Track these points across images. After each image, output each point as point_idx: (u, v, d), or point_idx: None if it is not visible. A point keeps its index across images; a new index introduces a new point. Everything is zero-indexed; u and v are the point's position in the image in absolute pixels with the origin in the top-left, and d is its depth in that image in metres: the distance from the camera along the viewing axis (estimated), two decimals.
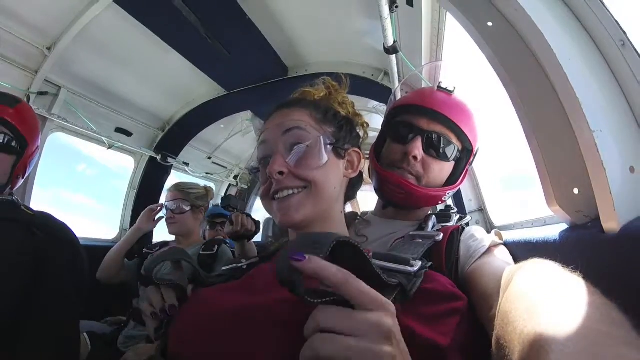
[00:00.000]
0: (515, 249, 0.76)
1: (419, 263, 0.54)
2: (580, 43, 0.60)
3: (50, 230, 0.92)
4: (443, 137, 0.82)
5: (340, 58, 1.79)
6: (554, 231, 0.66)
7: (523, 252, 0.73)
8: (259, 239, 2.95)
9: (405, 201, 0.84)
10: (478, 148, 0.88)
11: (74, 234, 0.98)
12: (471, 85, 1.10)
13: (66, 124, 1.84)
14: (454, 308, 0.52)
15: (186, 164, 2.67)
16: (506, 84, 0.69)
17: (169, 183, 2.58)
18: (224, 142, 2.84)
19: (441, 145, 0.82)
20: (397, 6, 0.98)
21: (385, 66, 1.64)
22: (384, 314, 0.36)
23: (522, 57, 0.65)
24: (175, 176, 2.66)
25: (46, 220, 0.94)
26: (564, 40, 0.59)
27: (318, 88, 0.77)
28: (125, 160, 2.43)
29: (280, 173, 0.61)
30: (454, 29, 1.14)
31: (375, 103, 1.82)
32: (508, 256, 0.72)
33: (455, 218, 0.85)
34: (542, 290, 0.40)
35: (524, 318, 0.37)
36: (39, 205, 1.12)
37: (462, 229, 0.77)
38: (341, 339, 0.34)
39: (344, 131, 0.70)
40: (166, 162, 2.45)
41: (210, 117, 2.39)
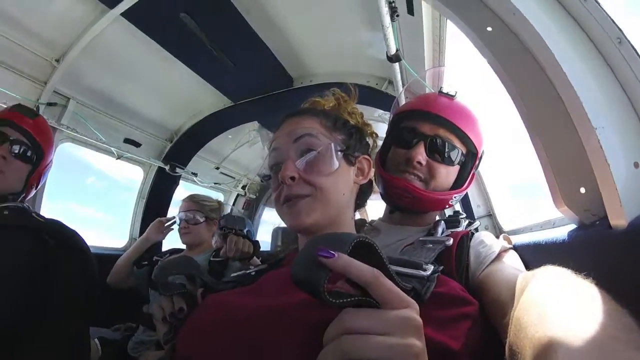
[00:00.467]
0: (525, 252, 0.75)
1: (431, 267, 0.55)
2: (577, 42, 0.61)
3: (61, 238, 0.93)
4: (446, 141, 0.82)
5: (344, 68, 1.81)
6: (561, 232, 0.65)
7: (533, 255, 0.73)
8: (268, 248, 2.96)
9: (412, 205, 0.83)
10: (483, 151, 0.88)
11: (84, 241, 0.99)
12: (475, 90, 1.11)
13: (75, 135, 1.89)
14: (465, 312, 0.51)
15: (194, 174, 2.69)
16: (508, 87, 0.69)
17: (177, 193, 2.61)
18: (231, 153, 2.87)
19: (445, 150, 0.82)
20: (398, 15, 1.00)
21: (389, 75, 1.66)
22: (412, 310, 0.36)
23: (522, 60, 0.66)
24: (183, 186, 2.69)
25: (57, 228, 0.96)
26: (562, 40, 0.60)
27: (327, 99, 0.78)
28: (134, 173, 2.47)
29: (292, 178, 0.61)
30: (454, 36, 1.15)
31: (380, 112, 1.83)
32: (518, 260, 0.71)
33: (465, 223, 0.85)
34: (554, 297, 0.40)
35: (536, 324, 0.37)
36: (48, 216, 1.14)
37: (472, 234, 0.77)
38: (373, 337, 0.33)
39: (353, 139, 0.70)
40: (175, 173, 2.48)
41: (218, 128, 2.43)
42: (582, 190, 0.59)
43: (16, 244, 0.84)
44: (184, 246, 1.84)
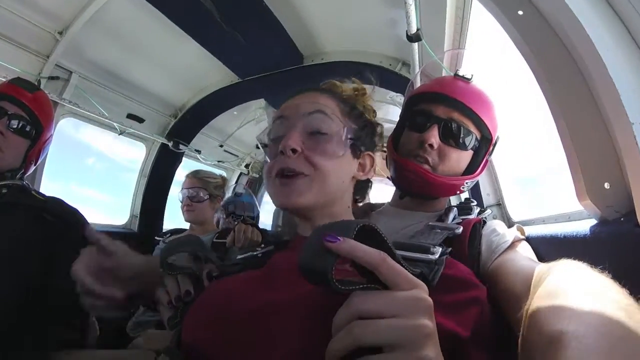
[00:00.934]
0: (539, 244, 0.74)
1: (439, 250, 0.54)
2: (616, 34, 0.58)
3: (61, 216, 0.92)
4: (461, 125, 0.80)
5: (358, 47, 1.75)
6: (581, 226, 0.64)
7: (548, 248, 0.72)
8: (269, 228, 2.98)
9: (423, 190, 0.83)
10: (498, 137, 0.86)
11: (85, 219, 0.98)
12: (493, 75, 1.08)
13: (77, 109, 1.85)
14: (474, 297, 0.51)
15: (198, 152, 2.67)
16: (537, 74, 0.67)
17: (179, 171, 2.59)
18: (236, 130, 2.83)
19: (459, 134, 0.80)
20: None
21: (404, 56, 1.62)
22: (422, 290, 0.36)
23: (556, 48, 0.63)
24: (185, 164, 2.67)
25: (57, 206, 0.95)
26: (602, 31, 0.57)
27: (346, 86, 0.75)
28: (134, 153, 2.44)
29: (293, 151, 0.58)
30: (478, 18, 1.11)
31: (392, 94, 1.79)
32: (531, 252, 0.71)
33: (476, 211, 0.84)
34: (568, 290, 0.40)
35: (548, 318, 0.37)
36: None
37: (484, 222, 0.76)
38: (385, 321, 0.33)
39: (365, 132, 0.68)
40: (178, 149, 2.45)
41: (223, 105, 2.38)
42: (607, 185, 0.58)
43: (16, 222, 0.83)
44: (185, 226, 1.83)
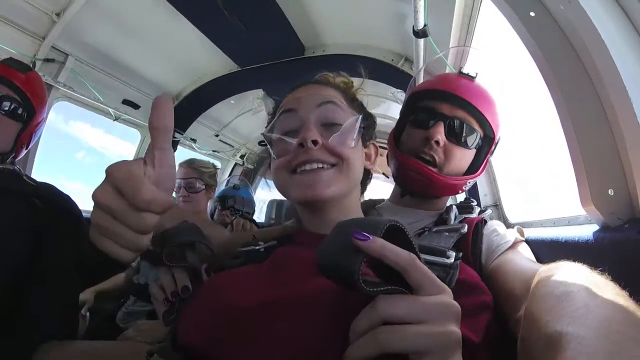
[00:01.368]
0: (539, 247, 0.75)
1: (453, 254, 0.53)
2: (630, 41, 0.58)
3: (53, 202, 0.90)
4: (465, 124, 0.80)
5: (360, 41, 1.73)
6: (582, 231, 0.65)
7: (548, 251, 0.73)
8: (263, 220, 2.96)
9: (425, 189, 0.82)
10: (499, 137, 0.86)
11: (76, 206, 0.95)
12: (497, 75, 1.07)
13: (72, 93, 1.80)
14: (484, 302, 0.51)
15: (193, 140, 2.63)
16: (547, 77, 0.66)
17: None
18: (233, 120, 2.80)
19: (463, 132, 0.80)
20: None
21: (407, 52, 1.60)
22: (448, 295, 0.35)
23: (566, 51, 0.63)
24: (179, 152, 2.63)
25: (48, 192, 0.92)
26: (615, 36, 0.57)
27: (337, 78, 0.74)
28: (124, 148, 2.38)
29: (315, 142, 0.56)
30: (487, 17, 1.10)
31: (393, 90, 1.78)
32: (530, 254, 0.71)
33: (477, 210, 0.84)
34: (568, 290, 0.40)
35: (547, 318, 0.37)
36: None
37: (485, 221, 0.76)
38: (413, 327, 0.32)
39: (368, 122, 0.68)
40: (173, 138, 2.40)
41: (221, 94, 2.34)
42: (611, 192, 0.58)
43: (6, 207, 0.80)
44: None
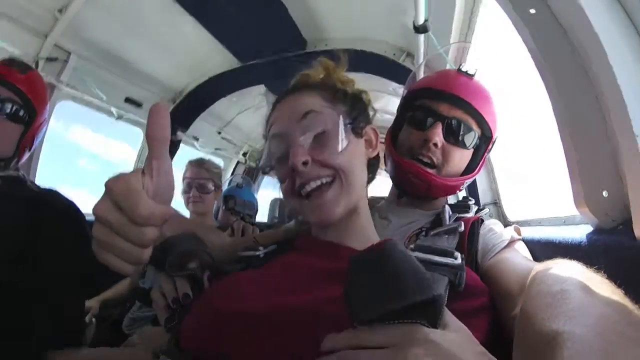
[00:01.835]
0: (535, 247, 0.75)
1: (459, 254, 0.53)
2: (629, 43, 0.56)
3: (57, 208, 0.89)
4: (464, 124, 0.79)
5: (362, 34, 1.71)
6: (577, 232, 0.65)
7: (544, 251, 0.73)
8: (265, 219, 2.96)
9: (424, 191, 0.82)
10: (497, 135, 0.85)
11: (80, 211, 0.94)
12: (497, 73, 1.06)
13: (75, 92, 1.79)
14: (485, 303, 0.52)
15: (196, 139, 2.63)
16: (544, 76, 0.66)
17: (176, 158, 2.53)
18: (235, 117, 2.79)
19: (461, 132, 0.79)
20: None
21: (409, 47, 1.59)
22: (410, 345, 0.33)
23: (565, 51, 0.62)
24: (182, 151, 2.59)
25: (53, 198, 0.91)
26: (616, 40, 0.56)
27: (316, 70, 0.72)
28: (125, 153, 2.36)
29: (305, 163, 0.56)
30: (487, 14, 1.08)
31: (395, 85, 1.76)
32: (527, 252, 0.71)
33: (474, 209, 0.84)
34: (563, 289, 0.40)
35: (542, 317, 0.37)
36: None
37: (481, 220, 0.76)
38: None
39: (357, 109, 0.66)
40: (175, 135, 2.40)
41: (223, 90, 2.33)
42: (605, 194, 0.58)
43: (10, 214, 0.80)
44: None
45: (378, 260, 0.35)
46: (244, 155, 3.32)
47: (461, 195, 1.22)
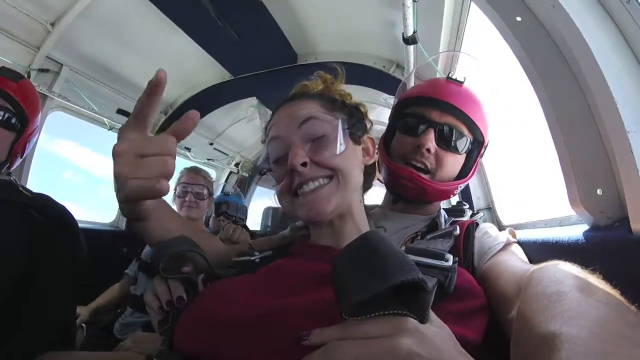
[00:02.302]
0: (530, 248, 0.75)
1: (450, 257, 0.54)
2: (615, 43, 0.60)
3: (49, 213, 0.88)
4: (455, 129, 0.80)
5: (352, 48, 1.76)
6: (574, 232, 0.65)
7: (540, 252, 0.73)
8: (258, 227, 2.95)
9: (417, 196, 0.82)
10: (489, 140, 0.86)
11: (73, 217, 0.93)
12: (488, 80, 1.09)
13: (67, 103, 1.79)
14: (482, 304, 0.52)
15: (188, 149, 2.62)
16: (534, 80, 0.68)
17: None
18: (227, 128, 2.79)
19: (453, 138, 0.80)
20: None
21: (398, 58, 1.63)
22: (399, 335, 0.34)
23: (552, 54, 0.64)
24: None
25: (45, 203, 0.90)
26: (600, 39, 0.58)
27: (315, 82, 0.75)
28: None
29: (304, 164, 0.58)
30: (475, 24, 1.12)
31: (385, 95, 1.79)
32: (523, 255, 0.71)
33: (469, 213, 0.85)
34: (559, 290, 0.40)
35: (539, 319, 0.37)
36: None
37: (477, 224, 0.77)
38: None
39: (355, 117, 0.68)
40: None
41: (215, 102, 2.34)
42: (599, 192, 0.59)
43: (1, 218, 0.78)
44: None
45: (361, 248, 0.36)
46: (236, 165, 3.31)
47: (455, 200, 1.23)
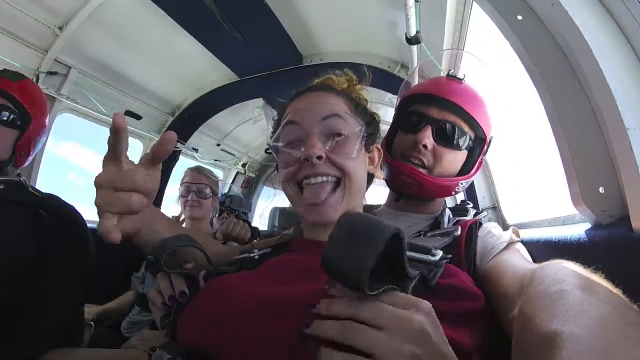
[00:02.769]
0: (533, 248, 0.75)
1: (440, 253, 0.54)
2: (614, 40, 0.59)
3: (58, 213, 0.90)
4: (454, 126, 0.80)
5: (357, 48, 1.76)
6: (576, 230, 0.65)
7: (543, 251, 0.73)
8: (265, 228, 2.97)
9: (417, 192, 0.83)
10: (492, 137, 0.86)
11: (82, 217, 0.94)
12: (491, 80, 1.09)
13: (75, 105, 1.83)
14: (476, 307, 0.52)
15: (195, 150, 2.65)
16: (535, 79, 0.68)
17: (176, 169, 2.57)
18: (234, 129, 2.82)
19: (453, 134, 0.80)
20: None
21: (403, 58, 1.62)
22: (417, 311, 0.37)
23: (553, 53, 0.64)
24: (181, 162, 2.62)
25: (54, 202, 0.92)
26: (599, 36, 0.58)
27: (340, 79, 0.76)
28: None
29: (319, 158, 0.59)
30: (477, 22, 1.12)
31: (390, 95, 1.79)
32: (526, 254, 0.71)
33: (472, 212, 0.84)
34: (561, 289, 0.40)
35: (541, 318, 0.37)
36: None
37: (480, 223, 0.77)
38: (373, 333, 0.36)
39: (372, 126, 0.70)
40: (175, 147, 2.44)
41: (222, 104, 2.37)
42: (601, 190, 0.59)
43: (11, 218, 0.81)
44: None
45: (341, 226, 0.39)
46: (243, 166, 3.34)
47: (459, 199, 1.23)
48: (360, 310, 0.37)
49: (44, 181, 1.74)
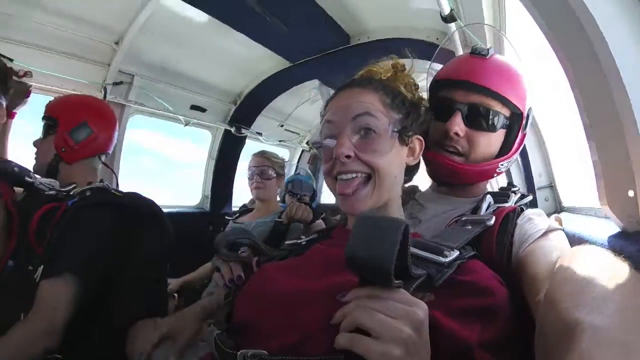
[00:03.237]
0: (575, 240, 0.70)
1: (454, 253, 0.54)
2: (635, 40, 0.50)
3: (139, 209, 1.04)
4: (483, 107, 0.76)
5: (402, 22, 1.68)
6: (600, 235, 0.62)
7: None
8: (333, 202, 3.09)
9: (454, 180, 0.82)
10: (530, 109, 0.80)
11: (160, 209, 1.09)
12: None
13: (144, 108, 2.07)
14: (489, 304, 0.50)
15: (259, 134, 2.83)
16: (570, 79, 0.61)
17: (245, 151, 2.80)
18: (293, 111, 2.92)
19: (484, 116, 0.76)
20: None
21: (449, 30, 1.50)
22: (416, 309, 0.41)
23: (584, 50, 0.57)
24: (248, 145, 2.83)
25: (134, 200, 1.05)
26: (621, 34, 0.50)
27: (385, 67, 0.75)
28: (190, 153, 2.65)
29: (347, 157, 0.62)
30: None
31: (437, 66, 1.69)
32: (565, 241, 0.67)
33: (515, 198, 0.79)
34: (588, 276, 0.40)
35: (565, 305, 0.37)
36: None
37: (521, 209, 0.73)
38: (370, 343, 0.39)
39: (410, 118, 0.69)
40: (240, 134, 2.65)
41: (278, 88, 2.48)
42: (631, 193, 0.52)
43: (100, 217, 0.95)
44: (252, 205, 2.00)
45: (359, 225, 0.43)
46: (307, 143, 3.41)
47: (505, 181, 1.16)
48: (360, 320, 0.40)
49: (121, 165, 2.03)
